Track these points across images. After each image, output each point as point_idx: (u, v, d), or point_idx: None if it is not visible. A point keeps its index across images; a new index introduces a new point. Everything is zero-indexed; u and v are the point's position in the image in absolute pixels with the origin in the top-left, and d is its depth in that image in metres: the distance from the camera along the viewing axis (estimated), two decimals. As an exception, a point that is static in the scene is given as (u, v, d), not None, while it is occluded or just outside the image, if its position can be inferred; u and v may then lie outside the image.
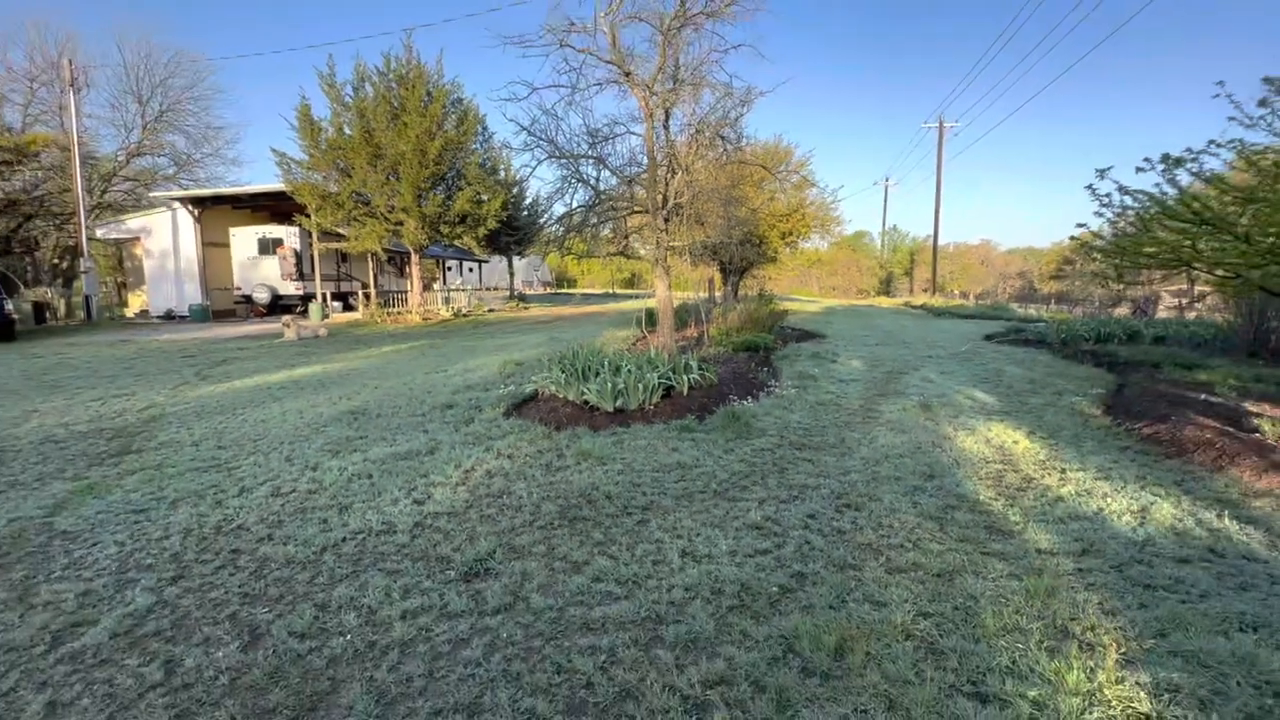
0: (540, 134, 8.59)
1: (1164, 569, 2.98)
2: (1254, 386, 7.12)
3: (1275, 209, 5.74)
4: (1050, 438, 5.41)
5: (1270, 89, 5.97)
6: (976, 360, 10.32)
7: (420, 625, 2.61)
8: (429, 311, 22.35)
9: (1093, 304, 23.43)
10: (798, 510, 3.76)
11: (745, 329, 11.87)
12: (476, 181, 20.22)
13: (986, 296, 37.19)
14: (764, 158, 18.43)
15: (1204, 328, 12.44)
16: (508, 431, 5.63)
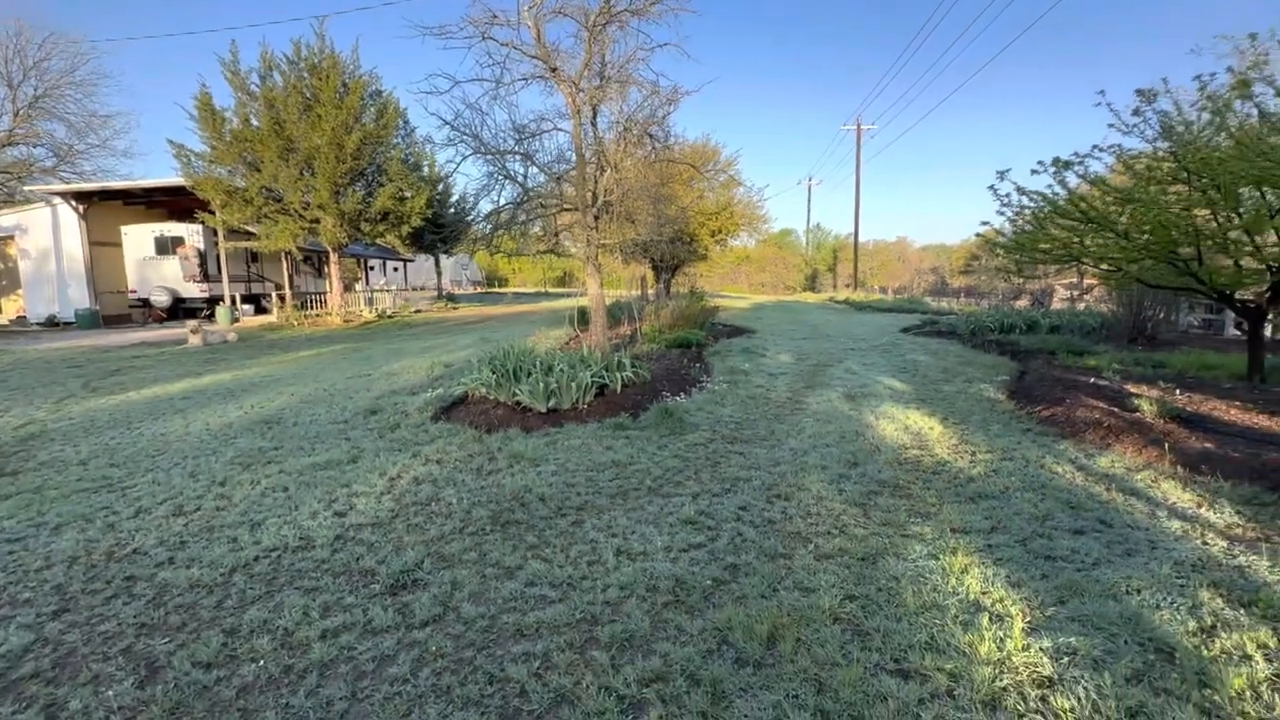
0: (464, 129, 8.35)
1: (1062, 541, 3.22)
2: (1134, 370, 7.85)
3: (1149, 209, 6.33)
4: (962, 423, 5.75)
5: (1142, 100, 6.58)
6: (895, 352, 10.86)
7: (342, 644, 2.47)
8: (351, 313, 21.34)
9: (997, 297, 25.16)
10: (730, 503, 3.83)
11: (678, 326, 12.00)
12: (399, 177, 19.45)
13: (903, 291, 39.25)
14: (692, 156, 18.68)
15: (1092, 317, 13.60)
16: (436, 436, 5.44)
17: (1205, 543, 3.16)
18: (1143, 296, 10.96)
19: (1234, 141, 5.93)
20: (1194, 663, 2.19)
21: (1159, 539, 3.22)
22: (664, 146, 9.77)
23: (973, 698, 2.06)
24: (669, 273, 22.23)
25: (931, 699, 2.06)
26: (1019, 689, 2.10)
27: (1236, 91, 6.16)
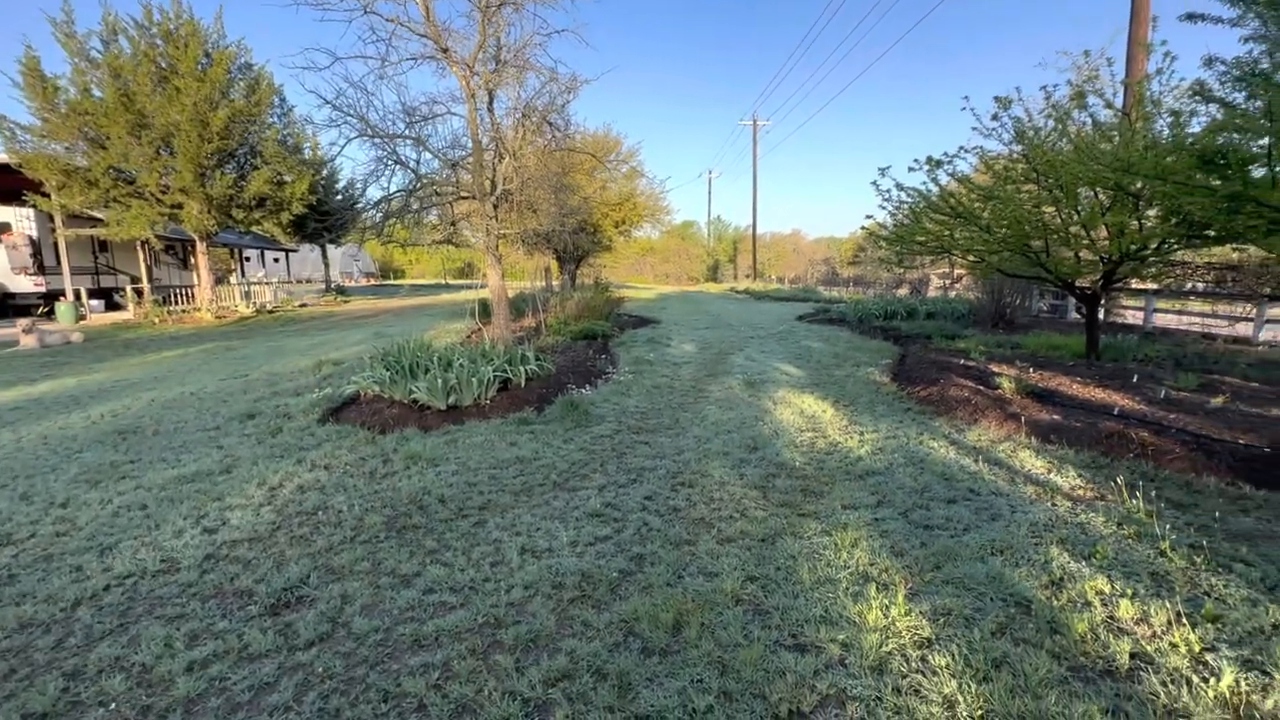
0: (348, 109, 7.80)
1: (938, 510, 3.51)
2: (996, 351, 8.70)
3: (1006, 205, 7.00)
4: (851, 405, 6.12)
5: (999, 107, 7.25)
6: (791, 339, 11.39)
7: (212, 676, 2.23)
8: (224, 308, 19.47)
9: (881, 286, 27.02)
10: (636, 493, 3.84)
11: (583, 317, 11.92)
12: (276, 159, 17.86)
13: (799, 281, 41.26)
14: (594, 146, 18.58)
15: (961, 304, 14.93)
16: (324, 439, 5.07)
17: (1054, 504, 3.55)
18: (1003, 285, 12.16)
19: (1073, 147, 6.68)
20: (1046, 613, 2.45)
21: (1017, 504, 3.58)
22: (564, 135, 9.62)
23: (862, 664, 2.19)
24: (574, 264, 22.05)
25: (826, 669, 2.17)
26: (902, 651, 2.26)
27: (1074, 102, 6.94)
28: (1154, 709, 1.94)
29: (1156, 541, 2.99)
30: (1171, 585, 2.63)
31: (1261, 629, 2.31)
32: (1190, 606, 2.46)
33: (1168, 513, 3.34)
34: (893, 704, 2.00)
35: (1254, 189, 4.41)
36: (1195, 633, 2.28)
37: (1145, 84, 6.84)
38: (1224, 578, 2.66)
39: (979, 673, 2.12)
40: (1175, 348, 8.68)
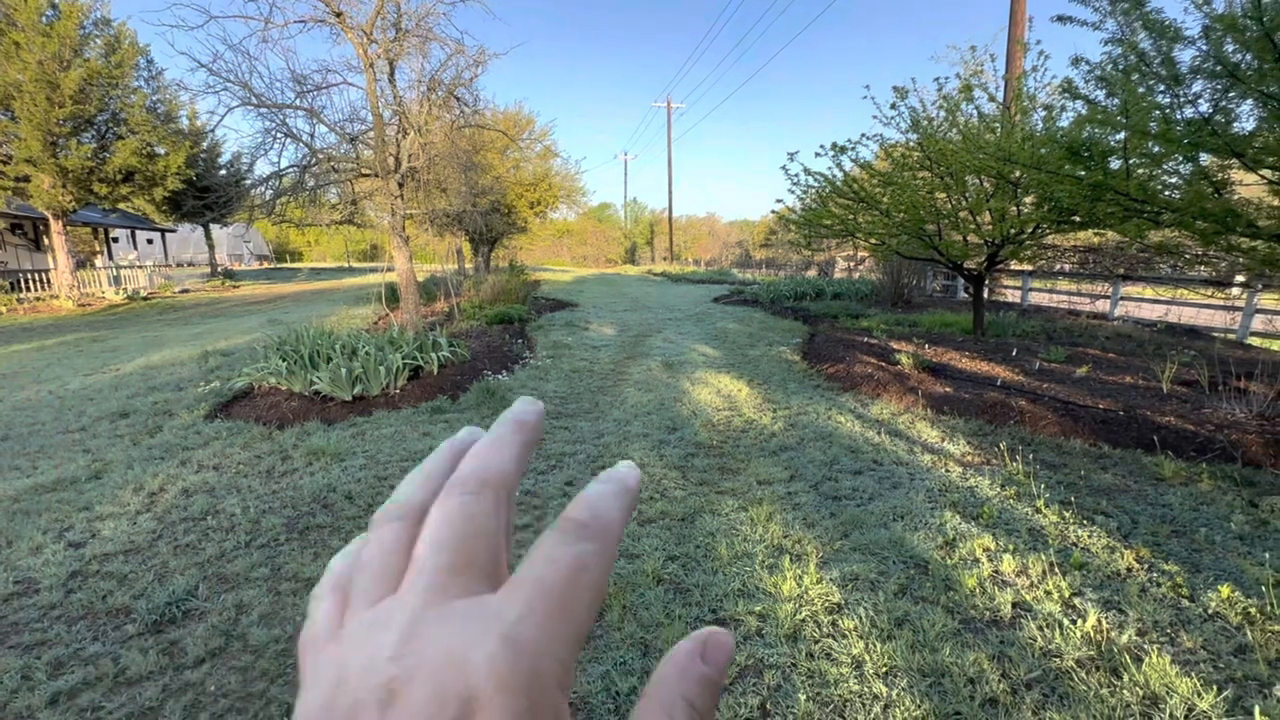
0: (228, 75, 7.10)
1: (845, 481, 3.70)
2: (896, 329, 9.26)
3: (903, 190, 7.42)
4: (765, 383, 6.33)
5: (897, 96, 7.63)
6: (707, 320, 11.61)
7: (81, 706, 2.00)
8: (88, 295, 17.42)
9: (792, 268, 28.08)
10: (556, 479, 3.80)
11: (498, 301, 11.61)
12: (144, 129, 16.03)
13: (714, 264, 42.14)
14: (505, 124, 18.01)
15: (865, 285, 15.78)
16: (212, 437, 4.66)
17: (947, 471, 3.83)
18: (901, 266, 12.95)
19: (962, 137, 7.16)
20: (941, 572, 2.64)
21: (916, 472, 3.83)
22: (474, 111, 9.24)
23: (778, 633, 2.27)
24: (488, 246, 21.38)
25: (745, 641, 2.24)
26: (815, 618, 2.36)
27: (963, 95, 7.42)
28: (1032, 652, 2.14)
29: (1033, 500, 3.29)
30: (1045, 539, 2.91)
31: (1118, 572, 2.60)
32: (1061, 557, 2.73)
33: (1042, 473, 3.69)
34: (806, 669, 2.09)
35: (1112, 179, 4.90)
36: (1065, 580, 2.53)
37: (1023, 80, 7.42)
38: (1088, 529, 2.97)
39: (883, 632, 2.26)
40: (1047, 323, 9.59)
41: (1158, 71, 4.68)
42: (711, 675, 0.20)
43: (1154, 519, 3.08)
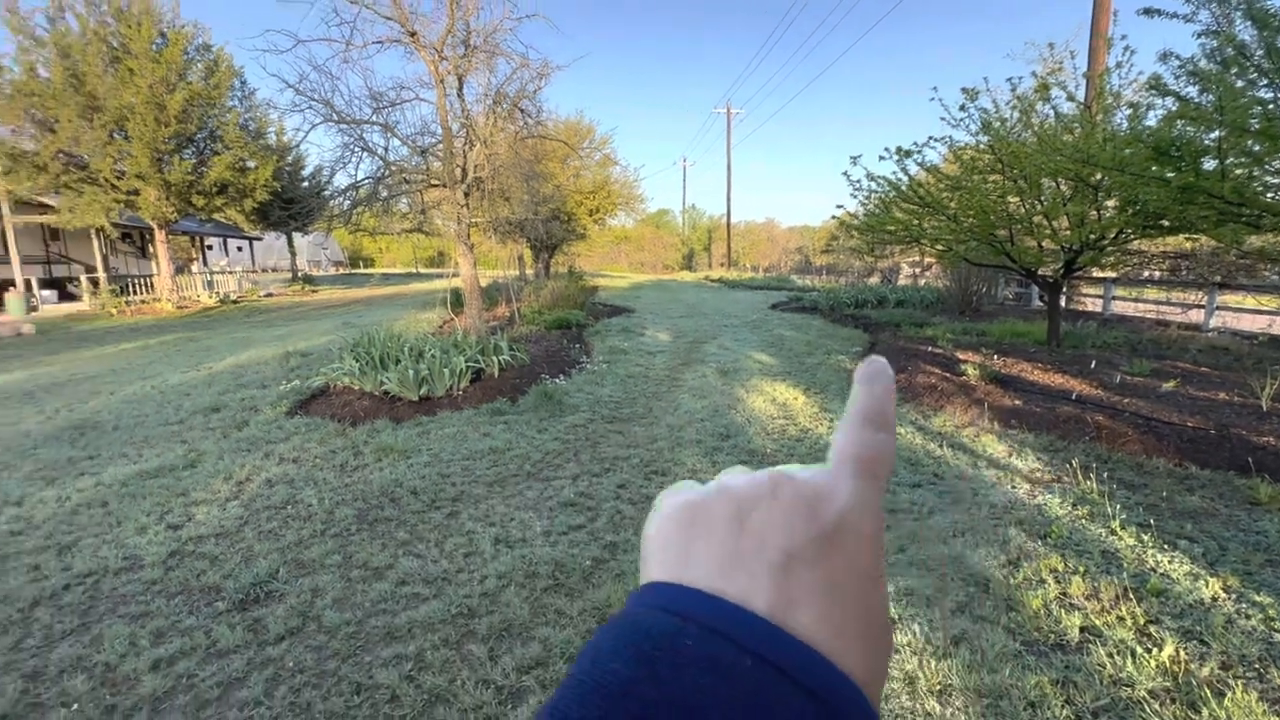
0: (312, 94, 7.60)
1: (904, 494, 3.60)
2: (963, 338, 8.91)
3: (972, 195, 7.15)
4: (821, 392, 6.22)
5: (966, 98, 7.37)
6: (764, 327, 11.50)
7: (179, 673, 2.20)
8: (185, 298, 18.88)
9: (853, 274, 27.38)
10: (609, 482, 3.87)
11: (557, 306, 11.87)
12: (237, 145, 17.29)
13: (772, 270, 41.59)
14: (566, 134, 18.41)
15: (930, 292, 15.24)
16: (292, 432, 4.99)
17: (1014, 487, 3.67)
18: (969, 273, 12.44)
19: (1037, 138, 6.84)
20: (1003, 591, 2.55)
21: (979, 487, 3.69)
22: (536, 122, 9.52)
23: (828, 645, 2.25)
24: (548, 252, 21.87)
25: (793, 650, 2.23)
26: (867, 631, 2.33)
27: (1039, 94, 7.09)
28: (1100, 679, 2.04)
29: (1108, 521, 3.12)
30: (1120, 562, 2.76)
31: (1201, 601, 2.44)
32: (1137, 582, 2.58)
33: (1119, 493, 3.49)
34: (857, 682, 2.06)
35: (1205, 180, 4.58)
36: (1140, 607, 2.40)
37: (1106, 77, 7.02)
38: (1169, 554, 2.79)
39: (939, 650, 2.20)
40: (1131, 334, 9.00)
41: (1260, 64, 4.36)
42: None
43: (1246, 546, 2.86)
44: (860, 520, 0.26)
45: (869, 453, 0.27)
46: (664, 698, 0.21)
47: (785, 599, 0.24)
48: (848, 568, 0.25)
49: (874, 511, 0.27)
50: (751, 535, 0.26)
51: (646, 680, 0.21)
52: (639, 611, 0.24)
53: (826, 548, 0.25)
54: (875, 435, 0.28)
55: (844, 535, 0.25)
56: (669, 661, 0.22)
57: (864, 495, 0.26)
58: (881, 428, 0.28)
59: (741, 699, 0.21)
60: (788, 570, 0.25)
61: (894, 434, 0.29)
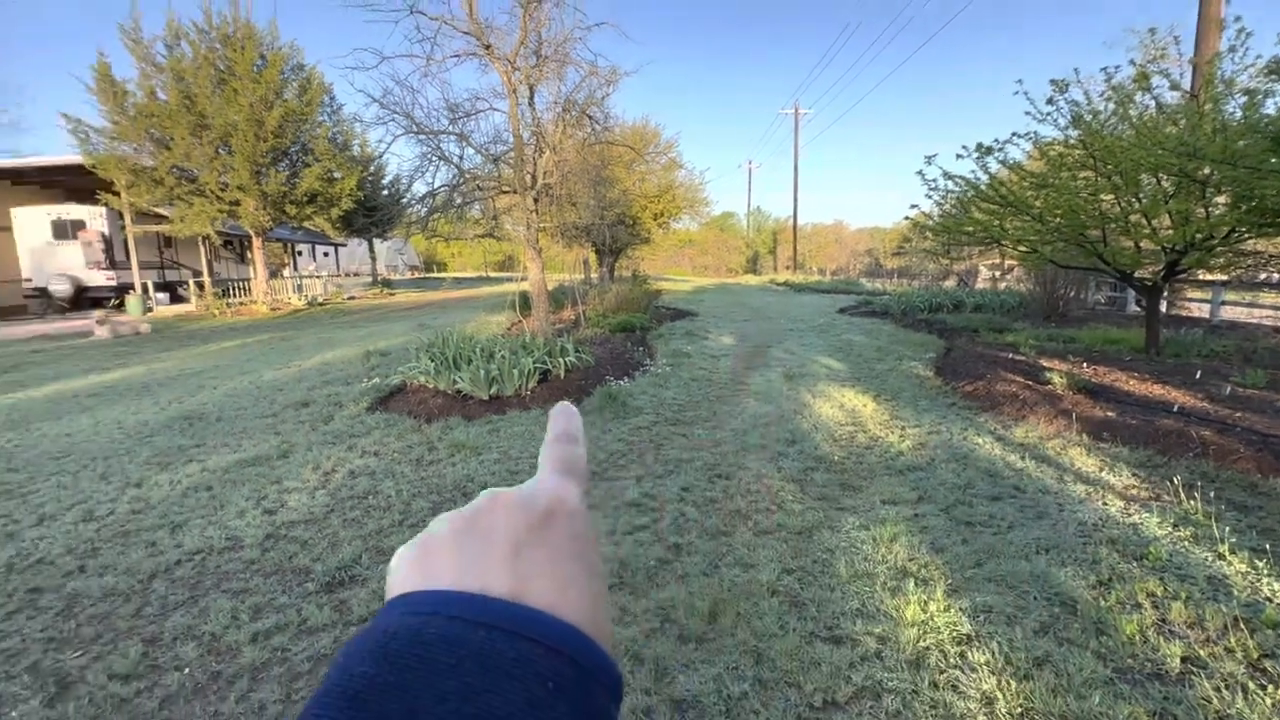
0: (395, 107, 8.03)
1: (981, 507, 3.44)
2: (1048, 345, 8.40)
3: (1060, 193, 6.74)
4: (893, 399, 6.02)
5: (1055, 90, 6.96)
6: (831, 332, 11.22)
7: (275, 646, 2.38)
8: (278, 301, 20.29)
9: (927, 277, 26.28)
10: (673, 484, 3.89)
11: (621, 310, 12.00)
12: (326, 157, 18.47)
13: (840, 273, 40.48)
14: (632, 138, 18.59)
15: (1011, 296, 14.44)
16: (373, 427, 5.28)
17: (1105, 504, 3.44)
18: (1056, 276, 11.71)
19: (1135, 131, 6.37)
20: (1093, 613, 2.39)
21: (1066, 502, 3.48)
22: (604, 128, 9.68)
23: (899, 658, 2.19)
24: (612, 256, 22.14)
25: (861, 662, 2.18)
26: (940, 647, 2.24)
27: (1138, 84, 6.61)
28: (1205, 714, 1.88)
29: (1215, 544, 2.87)
30: (1230, 589, 2.53)
31: (1327, 637, 2.21)
32: (1250, 612, 2.37)
33: (1228, 515, 3.20)
34: (929, 698, 2.00)
35: (1334, 174, 4.15)
36: (1253, 639, 2.20)
37: (1216, 63, 6.46)
38: (1288, 583, 2.54)
39: (1020, 670, 2.09)
40: (1245, 342, 8.22)
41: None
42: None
43: (1383, 579, 2.56)
44: (567, 505, 0.32)
45: (564, 459, 0.36)
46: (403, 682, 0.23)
47: (519, 579, 0.28)
48: (566, 542, 0.31)
49: (577, 497, 0.34)
50: (479, 537, 0.30)
51: (389, 672, 0.24)
52: (384, 620, 0.27)
53: (544, 531, 0.31)
54: (567, 448, 0.37)
55: (557, 518, 0.31)
56: (412, 653, 0.24)
57: (566, 488, 0.34)
58: (571, 442, 0.38)
59: (474, 661, 0.24)
60: (517, 555, 0.29)
61: (583, 446, 0.38)
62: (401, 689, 0.23)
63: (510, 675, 0.24)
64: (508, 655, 0.25)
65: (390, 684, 0.23)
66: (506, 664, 0.24)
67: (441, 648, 0.24)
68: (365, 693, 0.23)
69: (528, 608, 0.27)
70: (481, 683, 0.24)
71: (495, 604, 0.27)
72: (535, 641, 0.25)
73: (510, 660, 0.25)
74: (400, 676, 0.24)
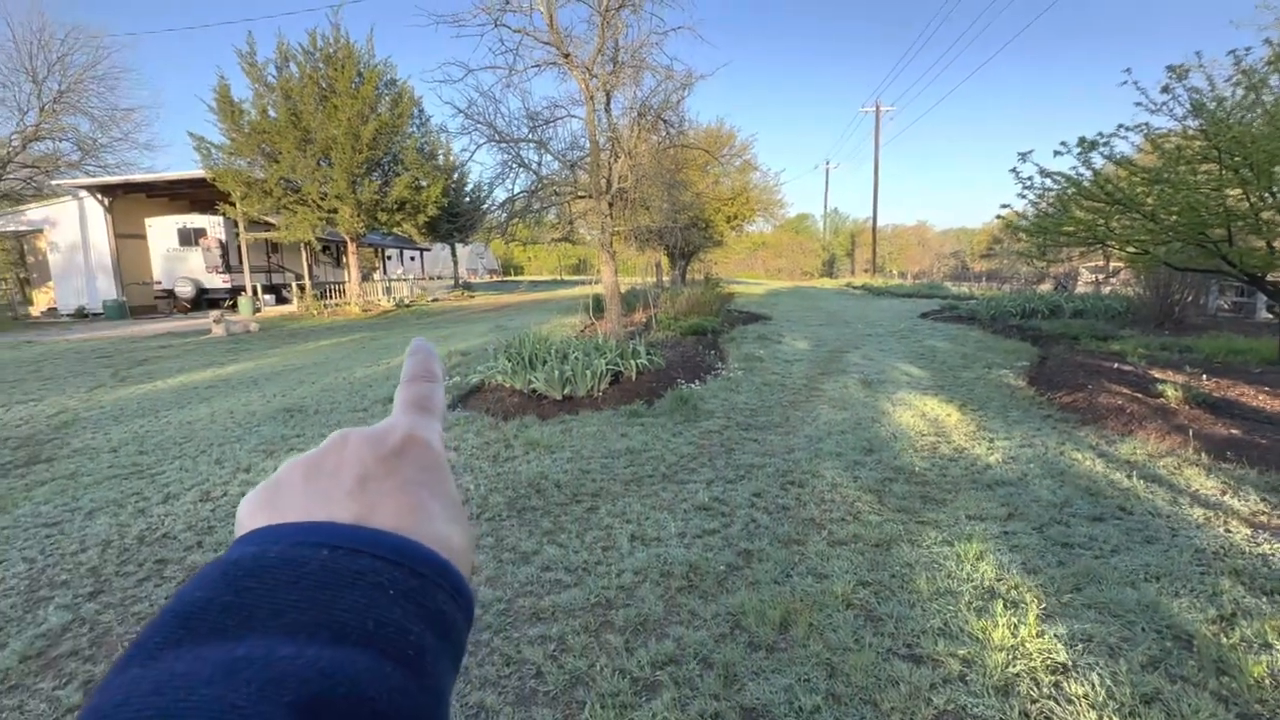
0: (478, 117, 8.38)
1: (1080, 528, 3.19)
2: (1160, 355, 7.68)
3: (1177, 189, 6.16)
4: (980, 409, 5.69)
5: (1172, 76, 6.37)
6: (913, 337, 10.74)
7: (363, 626, 2.53)
8: (369, 302, 21.59)
9: (1019, 281, 24.69)
10: (744, 489, 3.84)
11: (693, 313, 11.97)
12: (414, 166, 19.53)
13: (923, 276, 38.67)
14: (706, 141, 18.53)
15: (1117, 301, 13.31)
16: (453, 424, 5.51)
17: (1228, 530, 3.11)
18: (1170, 279, 10.69)
19: (1269, 118, 5.74)
20: (1212, 650, 2.17)
21: (1180, 526, 3.17)
22: (678, 132, 9.71)
23: (985, 683, 2.06)
24: (684, 259, 22.12)
25: (944, 684, 2.07)
26: (1032, 675, 2.10)
27: (1273, 66, 5.95)
28: (1351, 773, 1.67)
29: (1365, 582, 2.53)
30: (1384, 634, 2.23)
31: None
32: None
33: (1383, 550, 2.82)
34: (1019, 728, 1.87)
35: None
36: None
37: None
38: None
39: (1125, 707, 1.93)
40: (1405, 355, 7.20)
41: None
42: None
43: None
44: (418, 439, 0.35)
45: (417, 396, 0.38)
46: (240, 601, 0.24)
47: (366, 507, 0.30)
48: (416, 473, 0.33)
49: (430, 430, 0.36)
50: (326, 475, 0.32)
51: (227, 593, 0.25)
52: (228, 553, 0.28)
53: (396, 462, 0.33)
54: (422, 385, 0.39)
55: (410, 449, 0.34)
56: (251, 575, 0.25)
57: (420, 422, 0.36)
58: (426, 380, 0.39)
59: (315, 577, 0.26)
60: (363, 487, 0.31)
61: (439, 382, 0.40)
62: (238, 607, 0.24)
63: (351, 585, 0.26)
64: (349, 569, 0.27)
65: (228, 604, 0.25)
66: (348, 576, 0.26)
67: (283, 568, 0.26)
68: (199, 614, 0.24)
69: (370, 529, 0.29)
70: (321, 595, 0.25)
71: (338, 527, 0.29)
72: (376, 556, 0.28)
73: (351, 573, 0.27)
74: (238, 597, 0.25)
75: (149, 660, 0.23)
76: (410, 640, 0.26)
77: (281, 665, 0.23)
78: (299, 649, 0.24)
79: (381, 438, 0.34)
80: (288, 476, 0.33)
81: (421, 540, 0.30)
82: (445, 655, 0.28)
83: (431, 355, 0.42)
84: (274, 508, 0.32)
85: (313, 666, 0.23)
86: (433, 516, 0.32)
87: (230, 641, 0.23)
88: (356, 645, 0.25)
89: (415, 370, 0.40)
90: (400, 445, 0.34)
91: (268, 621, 0.24)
